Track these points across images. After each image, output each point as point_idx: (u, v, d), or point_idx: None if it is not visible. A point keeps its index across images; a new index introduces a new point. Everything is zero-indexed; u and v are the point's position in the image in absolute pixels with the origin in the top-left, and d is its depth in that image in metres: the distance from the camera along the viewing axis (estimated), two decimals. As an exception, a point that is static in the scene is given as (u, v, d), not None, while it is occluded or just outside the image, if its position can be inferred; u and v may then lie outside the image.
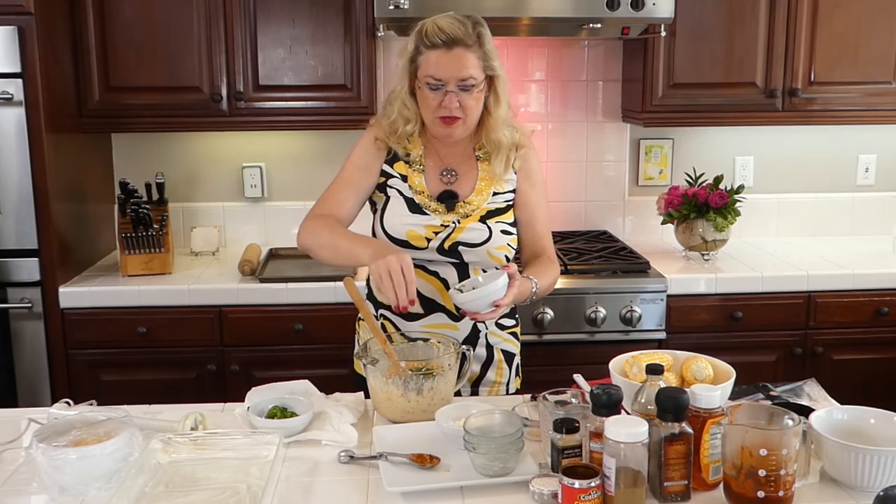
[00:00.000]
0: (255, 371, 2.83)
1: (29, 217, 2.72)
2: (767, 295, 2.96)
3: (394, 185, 2.01)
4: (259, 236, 3.40)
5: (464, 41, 1.87)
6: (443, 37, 1.86)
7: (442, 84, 1.88)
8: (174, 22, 2.94)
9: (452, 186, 2.01)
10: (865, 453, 1.42)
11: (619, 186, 3.53)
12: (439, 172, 2.02)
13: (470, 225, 1.97)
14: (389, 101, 2.02)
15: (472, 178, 2.02)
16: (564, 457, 1.45)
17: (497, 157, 2.00)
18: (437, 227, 1.96)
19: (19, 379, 2.80)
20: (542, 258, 2.05)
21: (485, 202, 2.00)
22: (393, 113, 1.99)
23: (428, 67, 1.88)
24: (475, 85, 1.89)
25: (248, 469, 1.52)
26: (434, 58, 1.87)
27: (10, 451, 1.63)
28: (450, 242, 1.96)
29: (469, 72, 1.87)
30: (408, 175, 2.00)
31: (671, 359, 1.73)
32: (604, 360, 1.73)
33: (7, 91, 2.64)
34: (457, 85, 1.88)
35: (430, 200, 1.99)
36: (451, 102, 1.88)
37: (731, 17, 3.06)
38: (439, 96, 1.89)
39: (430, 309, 2.00)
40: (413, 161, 2.01)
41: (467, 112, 1.91)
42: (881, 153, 3.59)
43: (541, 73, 3.42)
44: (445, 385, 1.77)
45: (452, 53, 1.86)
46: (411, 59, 1.92)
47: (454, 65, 1.86)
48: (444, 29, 1.86)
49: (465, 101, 1.90)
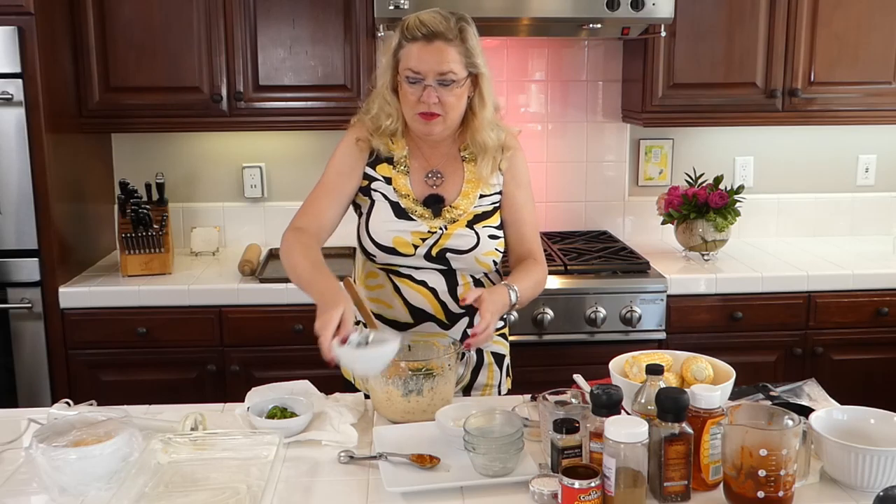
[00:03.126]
0: (255, 371, 2.83)
1: (29, 217, 2.72)
2: (767, 295, 2.96)
3: (378, 189, 1.96)
4: (259, 236, 3.40)
5: (444, 35, 1.83)
6: (423, 30, 1.83)
7: (421, 77, 1.84)
8: (174, 22, 2.94)
9: (438, 189, 1.97)
10: (865, 453, 1.42)
11: (619, 186, 3.53)
12: (424, 174, 1.98)
13: (457, 231, 1.93)
14: (372, 97, 1.97)
15: (458, 180, 1.98)
16: (564, 457, 1.45)
17: (483, 159, 1.96)
18: (424, 233, 1.92)
19: (19, 379, 2.80)
20: (528, 261, 2.01)
21: (472, 206, 1.96)
22: (374, 109, 1.95)
23: (408, 60, 1.85)
24: (455, 81, 1.85)
25: (248, 469, 1.52)
26: (414, 51, 1.84)
27: (10, 452, 1.63)
28: (437, 249, 1.93)
29: (449, 66, 1.83)
30: (392, 177, 1.96)
31: (671, 359, 1.73)
32: (604, 360, 1.73)
33: (7, 91, 2.64)
34: (436, 79, 1.84)
35: (416, 205, 1.95)
36: (429, 97, 1.84)
37: (731, 17, 3.06)
38: (418, 90, 1.85)
39: (420, 318, 1.97)
40: (397, 162, 1.97)
41: (447, 109, 1.87)
42: (881, 153, 3.59)
43: (541, 74, 3.42)
44: (445, 385, 1.77)
45: (432, 46, 1.83)
46: (394, 53, 1.89)
47: (433, 58, 1.83)
48: (425, 22, 1.83)
49: (445, 98, 1.85)
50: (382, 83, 1.93)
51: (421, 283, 1.96)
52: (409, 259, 1.93)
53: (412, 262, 1.94)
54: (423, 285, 1.96)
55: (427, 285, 1.96)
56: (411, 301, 1.96)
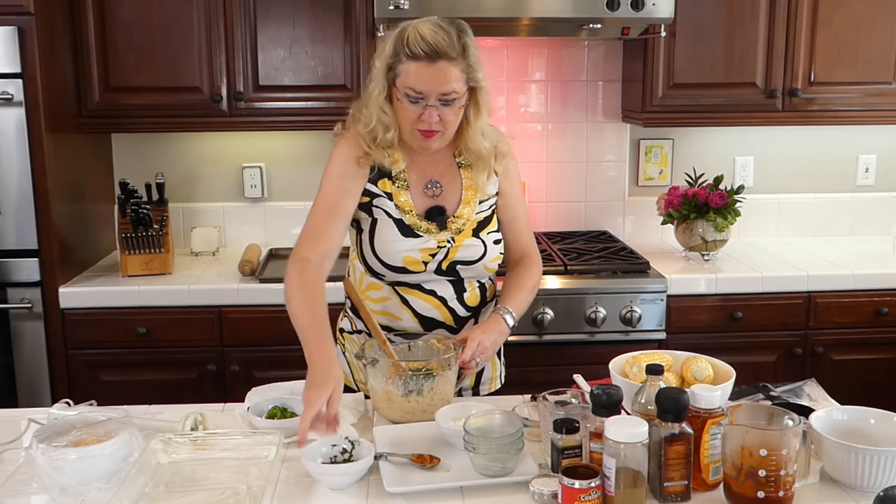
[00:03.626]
0: (255, 371, 2.83)
1: (29, 217, 2.72)
2: (767, 295, 2.96)
3: (380, 206, 1.91)
4: (259, 236, 3.40)
5: (447, 53, 1.75)
6: (425, 48, 1.75)
7: (422, 98, 1.78)
8: (174, 22, 2.94)
9: (438, 200, 1.95)
10: (865, 453, 1.42)
11: (619, 186, 3.53)
12: (423, 186, 1.94)
13: (465, 242, 1.93)
14: (364, 104, 1.89)
15: (456, 188, 1.97)
16: (564, 457, 1.45)
17: (479, 167, 1.94)
18: (432, 248, 1.91)
19: (19, 379, 2.80)
20: (520, 266, 2.03)
21: (474, 213, 1.95)
22: (372, 119, 1.86)
23: (408, 79, 1.78)
24: (457, 99, 1.80)
25: (248, 469, 1.52)
26: (415, 70, 1.76)
27: (10, 452, 1.63)
28: (447, 263, 1.92)
29: (452, 86, 1.77)
30: (392, 192, 1.91)
31: (671, 359, 1.74)
32: (604, 360, 1.74)
33: (7, 91, 2.64)
34: (438, 99, 1.78)
35: (419, 220, 1.91)
36: (430, 117, 1.79)
37: (731, 17, 3.06)
38: (419, 109, 1.79)
39: (430, 326, 1.97)
40: (396, 177, 1.92)
41: (447, 126, 1.83)
42: (881, 153, 3.59)
43: (541, 74, 3.42)
44: (445, 385, 1.77)
45: (435, 67, 1.75)
46: (389, 66, 1.81)
47: (437, 79, 1.76)
48: (426, 38, 1.75)
49: (446, 116, 1.81)
50: (378, 93, 1.85)
51: (430, 293, 1.96)
52: (419, 276, 1.93)
53: (422, 277, 1.93)
54: (433, 294, 1.96)
55: (436, 294, 1.96)
56: (421, 311, 1.96)
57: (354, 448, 1.55)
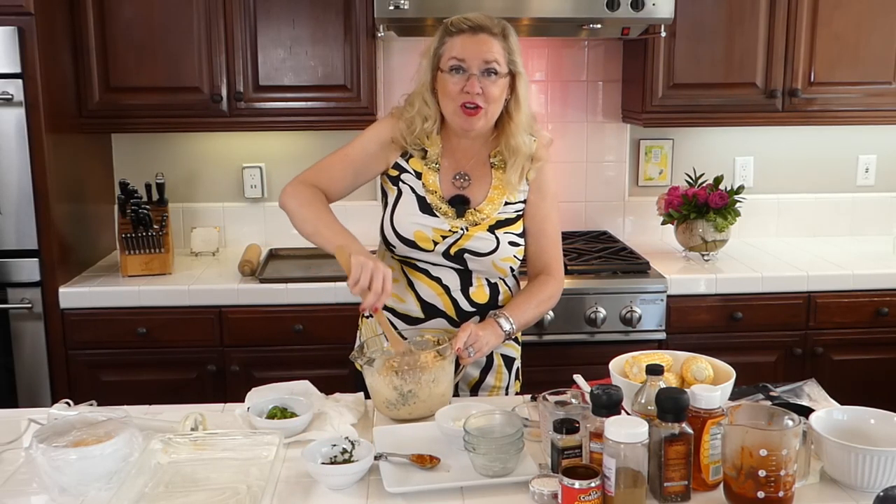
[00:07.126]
0: (255, 371, 2.83)
1: (29, 217, 2.72)
2: (767, 295, 2.96)
3: (407, 181, 1.98)
4: (259, 236, 3.40)
5: (489, 28, 1.88)
6: (469, 23, 1.87)
7: (465, 67, 1.86)
8: (174, 22, 2.94)
9: (465, 191, 1.98)
10: (865, 453, 1.42)
11: (619, 187, 3.53)
12: (453, 175, 1.99)
13: (478, 234, 1.95)
14: (410, 101, 1.99)
15: (485, 184, 1.99)
16: (564, 457, 1.45)
17: (513, 165, 1.96)
18: (445, 231, 1.94)
19: (19, 379, 2.80)
20: (538, 280, 2.04)
21: (495, 211, 1.98)
22: (412, 110, 1.96)
23: (452, 50, 1.88)
24: (498, 73, 1.87)
25: (248, 469, 1.52)
26: (459, 42, 1.87)
27: (10, 452, 1.63)
28: (456, 248, 1.94)
29: (493, 55, 1.86)
30: (422, 172, 1.98)
31: (671, 359, 1.74)
32: (604, 360, 1.74)
33: (7, 91, 2.64)
34: (480, 69, 1.86)
35: (441, 202, 1.96)
36: (473, 87, 1.85)
37: (731, 17, 3.06)
38: (461, 80, 1.86)
39: (431, 314, 1.99)
40: (430, 159, 1.99)
41: (489, 101, 1.88)
42: (881, 153, 3.59)
43: (541, 74, 3.42)
44: (444, 385, 1.77)
45: (477, 38, 1.87)
46: (435, 51, 1.91)
47: (479, 48, 1.86)
48: (469, 17, 1.88)
49: (488, 89, 1.87)
50: (423, 84, 1.94)
51: (435, 280, 1.98)
52: (427, 255, 1.95)
53: (430, 258, 1.96)
54: (438, 282, 1.98)
55: (441, 282, 1.98)
56: (423, 296, 1.98)
57: (354, 448, 1.55)
